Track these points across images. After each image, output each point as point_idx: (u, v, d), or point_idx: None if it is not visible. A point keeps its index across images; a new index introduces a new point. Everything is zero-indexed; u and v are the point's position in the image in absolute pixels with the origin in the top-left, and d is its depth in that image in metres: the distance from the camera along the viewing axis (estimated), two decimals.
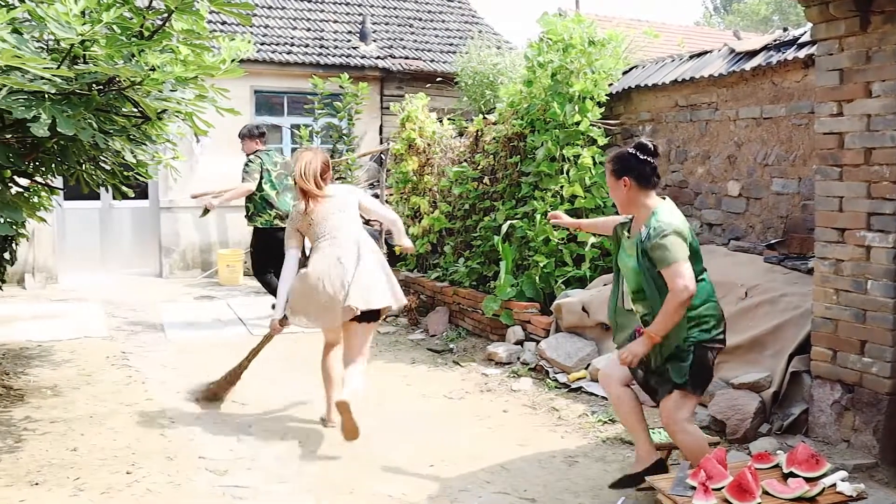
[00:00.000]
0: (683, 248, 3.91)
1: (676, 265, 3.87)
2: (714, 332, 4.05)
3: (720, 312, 4.11)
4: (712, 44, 12.00)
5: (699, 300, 3.99)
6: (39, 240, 11.25)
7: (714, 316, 4.06)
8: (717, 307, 4.10)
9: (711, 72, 7.04)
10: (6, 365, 7.10)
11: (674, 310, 3.89)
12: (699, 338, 4.00)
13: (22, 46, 3.68)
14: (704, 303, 4.03)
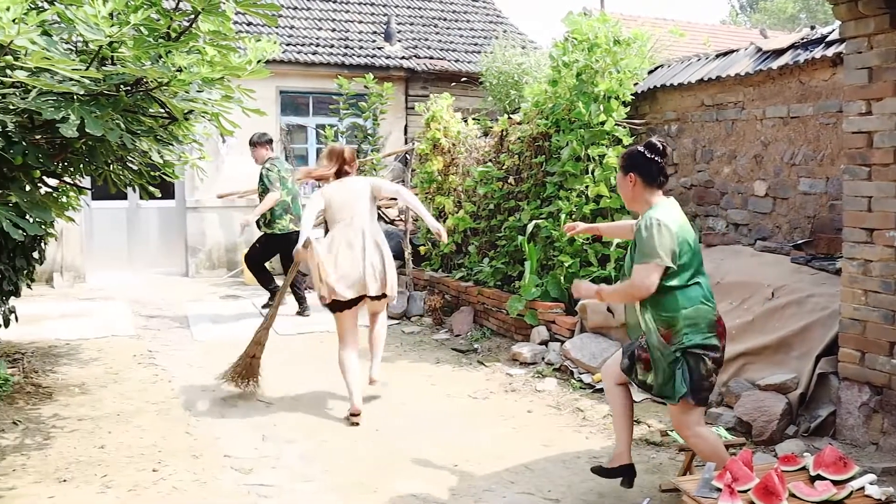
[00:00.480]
0: (665, 246, 3.90)
1: (646, 265, 3.91)
2: (703, 337, 3.97)
3: (713, 318, 4.02)
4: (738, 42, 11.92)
5: (689, 303, 3.97)
6: (68, 239, 11.37)
7: (705, 319, 3.99)
8: (711, 312, 4.02)
9: (738, 71, 6.99)
10: (35, 363, 7.18)
11: (624, 291, 4.08)
12: (688, 342, 3.95)
13: (51, 48, 3.72)
14: (694, 306, 3.98)
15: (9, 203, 4.34)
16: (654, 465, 4.95)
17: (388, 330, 7.04)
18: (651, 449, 5.22)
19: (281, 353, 7.77)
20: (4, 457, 5.01)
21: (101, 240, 12.41)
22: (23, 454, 5.06)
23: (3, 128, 3.96)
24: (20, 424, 5.61)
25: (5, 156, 4.19)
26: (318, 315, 9.22)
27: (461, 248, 9.78)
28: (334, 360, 6.23)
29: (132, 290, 11.11)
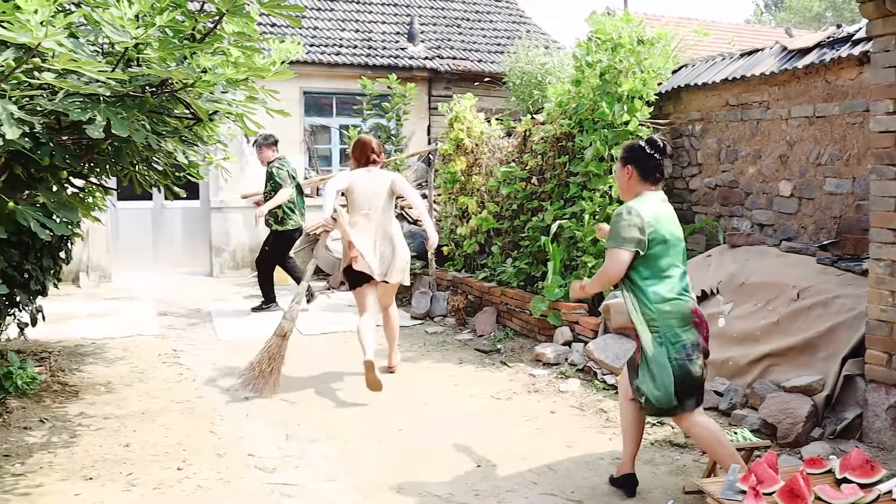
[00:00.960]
0: (631, 231, 4.06)
1: (613, 251, 4.12)
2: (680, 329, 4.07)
3: (688, 311, 4.11)
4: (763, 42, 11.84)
5: (661, 296, 4.09)
6: (94, 239, 11.47)
7: (680, 312, 4.09)
8: (685, 305, 4.11)
9: (763, 70, 6.95)
10: (62, 362, 7.24)
11: (598, 278, 4.27)
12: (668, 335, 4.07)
13: (78, 50, 3.75)
14: (667, 299, 4.09)
15: (36, 203, 4.39)
16: (677, 466, 4.93)
17: (411, 330, 8.10)
18: (675, 450, 5.20)
19: (304, 352, 7.80)
20: (32, 454, 5.06)
21: (127, 240, 12.51)
22: (50, 452, 5.11)
23: (31, 129, 3.99)
24: (47, 422, 5.66)
25: (33, 157, 4.23)
26: (342, 315, 9.26)
27: (484, 248, 9.78)
28: (358, 360, 6.65)
29: (157, 290, 11.19)
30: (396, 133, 12.99)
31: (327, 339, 8.42)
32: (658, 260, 4.11)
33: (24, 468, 4.83)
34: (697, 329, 4.12)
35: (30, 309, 6.82)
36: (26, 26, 3.38)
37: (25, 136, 3.96)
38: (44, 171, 4.48)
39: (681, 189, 8.08)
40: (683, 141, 8.01)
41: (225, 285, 11.91)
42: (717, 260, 6.72)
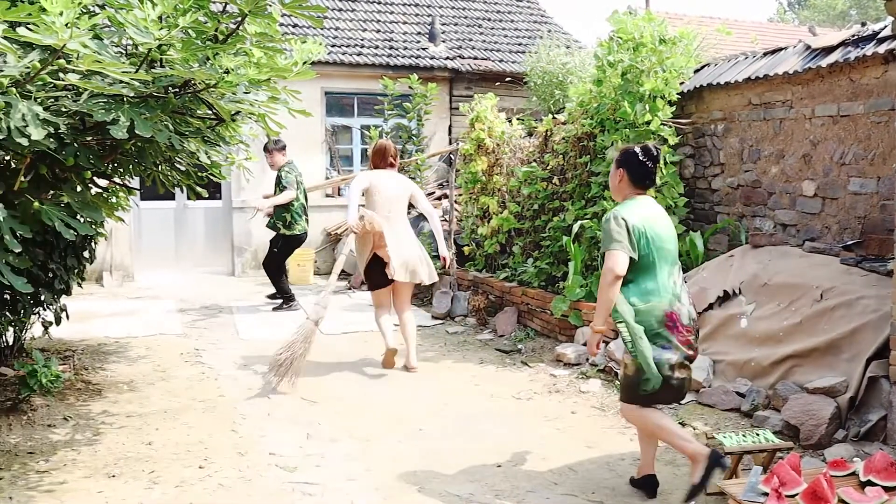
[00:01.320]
0: (620, 234, 4.20)
1: (609, 252, 4.21)
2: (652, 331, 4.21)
3: (662, 313, 4.22)
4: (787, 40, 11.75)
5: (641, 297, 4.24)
6: (117, 239, 11.55)
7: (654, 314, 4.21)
8: (658, 308, 4.22)
9: (786, 69, 6.90)
10: (85, 360, 7.30)
11: (601, 291, 4.26)
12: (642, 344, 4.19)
13: (102, 52, 3.78)
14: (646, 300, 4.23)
15: (61, 203, 4.43)
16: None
17: (432, 330, 8.41)
18: None
19: (325, 352, 7.82)
20: (56, 452, 5.11)
21: (150, 239, 12.60)
22: (73, 449, 5.16)
23: (56, 130, 4.03)
24: (71, 420, 5.71)
25: (58, 157, 4.27)
26: (363, 315, 9.28)
27: (505, 248, 9.77)
28: (378, 360, 7.18)
29: (179, 289, 11.25)
30: (417, 133, 13.00)
31: (349, 339, 8.44)
32: (644, 261, 4.25)
33: (48, 465, 4.88)
34: (669, 331, 4.22)
35: (54, 308, 6.89)
36: (52, 28, 3.41)
37: (50, 137, 4.00)
38: (68, 171, 4.52)
39: (703, 189, 8.05)
40: (706, 140, 7.97)
41: (247, 285, 11.96)
42: (740, 260, 6.68)
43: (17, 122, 3.71)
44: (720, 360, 6.22)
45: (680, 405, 5.98)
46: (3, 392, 6.09)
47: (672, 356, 4.23)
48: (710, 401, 5.90)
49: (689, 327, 4.31)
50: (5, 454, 5.03)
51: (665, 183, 7.53)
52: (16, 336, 6.90)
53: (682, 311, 4.30)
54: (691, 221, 8.03)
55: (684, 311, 4.31)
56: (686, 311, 4.32)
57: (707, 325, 6.47)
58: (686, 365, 4.29)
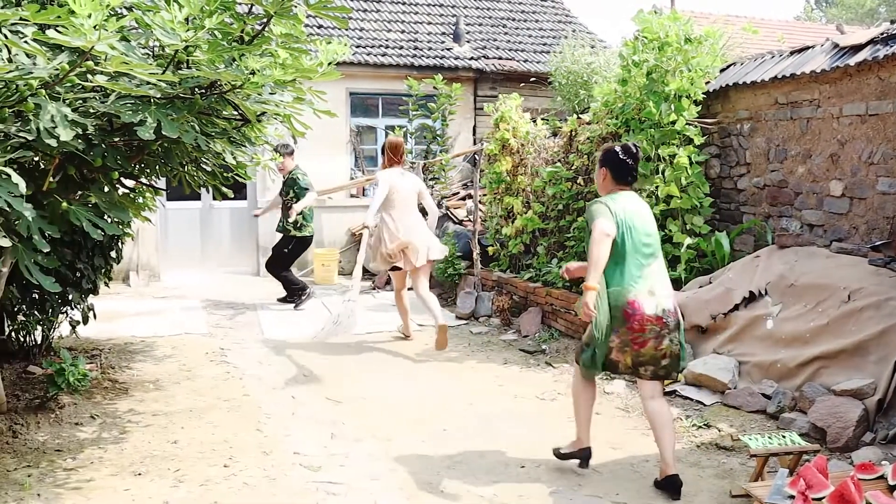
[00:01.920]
0: (603, 211, 4.51)
1: (595, 223, 4.48)
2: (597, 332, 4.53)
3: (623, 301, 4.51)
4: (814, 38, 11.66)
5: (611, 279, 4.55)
6: (143, 239, 11.63)
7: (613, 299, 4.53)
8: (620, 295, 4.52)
9: (813, 68, 6.84)
10: (112, 359, 7.36)
11: (592, 246, 4.47)
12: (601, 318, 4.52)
13: (130, 53, 3.82)
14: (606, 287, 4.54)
15: (89, 203, 4.47)
16: (724, 469, 4.88)
17: (456, 330, 8.79)
18: (721, 453, 5.15)
19: (349, 352, 7.85)
20: (83, 449, 5.15)
21: (176, 240, 12.67)
22: (100, 447, 5.20)
23: (84, 131, 4.07)
24: (97, 418, 5.76)
25: (86, 158, 4.31)
26: (387, 315, 9.29)
27: (529, 248, 9.76)
28: (403, 360, 7.23)
29: (205, 289, 11.32)
30: (442, 133, 13.01)
31: (373, 339, 8.46)
32: (619, 247, 4.51)
33: (75, 463, 4.93)
34: (625, 319, 4.50)
35: (81, 307, 6.96)
36: (80, 30, 3.45)
37: (79, 138, 4.04)
38: (96, 171, 4.55)
39: (728, 189, 7.99)
40: (731, 140, 7.91)
41: (271, 285, 11.97)
42: (766, 261, 6.63)
43: (47, 124, 3.75)
44: (746, 361, 6.18)
45: (705, 406, 5.95)
46: (31, 390, 6.15)
47: (616, 339, 4.54)
48: (736, 402, 5.86)
49: (652, 318, 4.50)
50: (33, 452, 5.08)
51: (690, 183, 7.49)
52: (44, 335, 6.98)
53: (648, 302, 4.51)
54: (717, 222, 7.98)
55: (650, 303, 4.51)
56: (655, 304, 4.52)
57: (733, 326, 6.44)
58: (626, 350, 4.55)
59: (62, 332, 7.32)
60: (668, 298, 4.60)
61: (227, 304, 10.27)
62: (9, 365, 6.58)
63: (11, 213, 3.81)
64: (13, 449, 5.10)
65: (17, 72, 3.73)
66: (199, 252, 12.84)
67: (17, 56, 3.91)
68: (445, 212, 11.69)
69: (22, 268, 4.09)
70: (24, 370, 6.56)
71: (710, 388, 6.15)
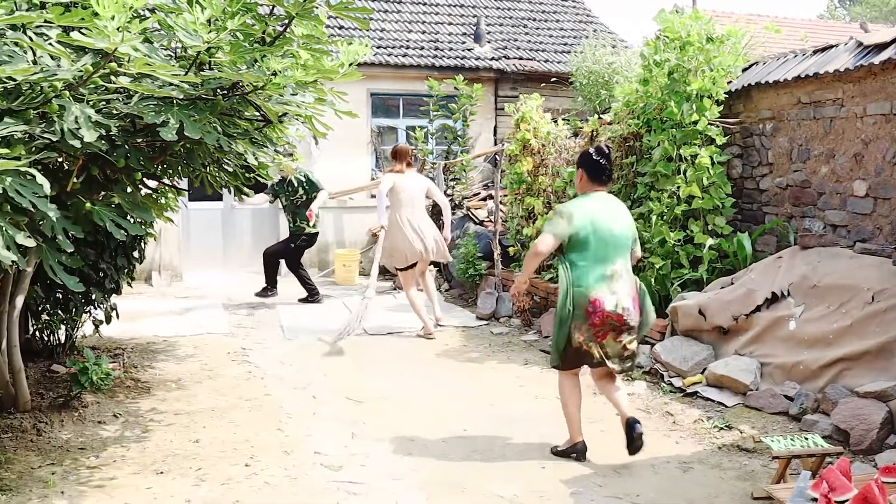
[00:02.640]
0: (559, 225, 4.94)
1: (544, 234, 4.98)
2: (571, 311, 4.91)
3: (585, 300, 4.88)
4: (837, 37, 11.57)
5: (566, 283, 4.94)
6: (166, 239, 11.70)
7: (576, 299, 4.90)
8: (583, 295, 4.89)
9: (837, 67, 6.78)
10: (134, 358, 7.42)
11: (526, 260, 5.21)
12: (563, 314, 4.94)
13: (153, 55, 3.84)
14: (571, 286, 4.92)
15: (112, 204, 4.50)
16: (745, 471, 4.85)
17: (477, 331, 8.87)
18: (743, 455, 5.12)
19: (370, 352, 7.87)
20: (106, 448, 5.20)
21: (198, 240, 12.75)
22: (123, 446, 5.24)
23: (107, 132, 4.10)
24: (120, 417, 5.81)
25: (109, 158, 4.35)
26: (407, 314, 9.30)
27: None
28: (423, 360, 7.24)
29: (226, 289, 11.37)
30: (463, 134, 13.01)
31: (393, 339, 8.47)
32: (584, 248, 4.91)
33: (98, 461, 4.97)
34: (587, 315, 4.88)
35: (104, 307, 7.02)
36: (103, 32, 3.47)
37: (102, 139, 4.07)
38: (119, 172, 4.59)
39: (751, 189, 7.94)
40: (754, 140, 7.86)
41: (293, 285, 12.04)
42: (788, 262, 6.59)
43: (71, 125, 3.78)
44: (768, 362, 6.15)
45: (727, 408, 5.93)
46: (55, 389, 6.21)
47: (580, 336, 4.93)
48: (758, 404, 5.83)
49: (611, 314, 4.89)
50: (57, 450, 5.13)
51: (712, 183, 7.45)
52: (68, 334, 7.04)
53: (609, 299, 4.90)
54: (739, 222, 7.94)
55: (611, 300, 4.90)
56: (615, 301, 4.90)
57: (755, 327, 6.40)
58: (591, 344, 4.94)
59: (85, 331, 7.38)
60: (629, 297, 4.97)
61: (248, 304, 10.32)
62: (33, 364, 6.64)
63: (36, 214, 3.85)
64: (37, 447, 5.15)
65: (42, 74, 3.77)
66: (221, 252, 12.91)
67: (41, 58, 3.95)
68: (466, 212, 11.69)
69: (46, 267, 4.12)
70: (48, 369, 6.63)
71: (732, 389, 6.12)
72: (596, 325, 4.90)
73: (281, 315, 9.60)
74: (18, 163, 3.58)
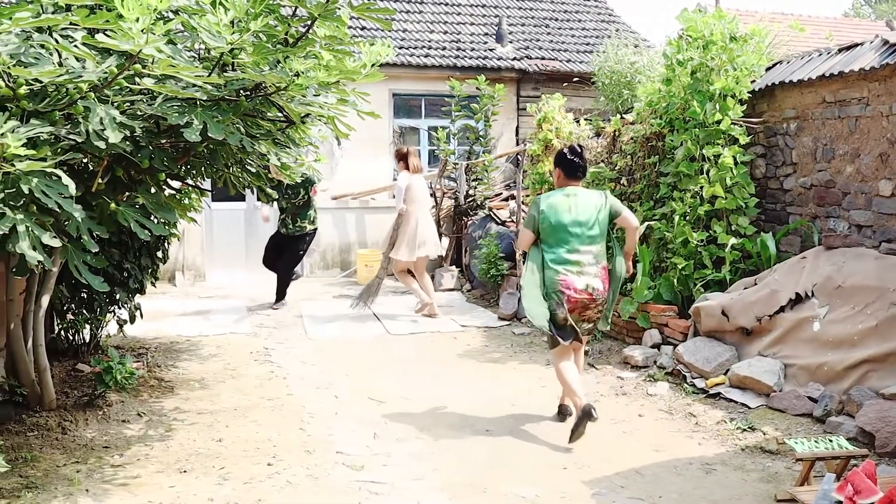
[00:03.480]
0: (528, 219, 5.67)
1: (522, 229, 5.85)
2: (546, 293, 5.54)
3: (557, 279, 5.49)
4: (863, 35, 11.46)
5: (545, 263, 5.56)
6: (189, 240, 11.78)
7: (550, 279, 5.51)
8: (553, 277, 5.51)
9: (862, 65, 6.72)
10: (158, 358, 7.47)
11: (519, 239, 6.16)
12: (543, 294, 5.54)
13: (176, 56, 3.87)
14: (546, 267, 5.55)
15: (136, 205, 4.54)
16: (769, 473, 4.82)
17: (498, 331, 8.91)
18: (766, 457, 5.09)
19: (392, 352, 7.88)
20: (130, 446, 5.23)
21: (221, 240, 12.80)
22: (146, 445, 5.28)
23: (132, 133, 4.13)
24: (144, 416, 5.85)
25: (133, 159, 4.38)
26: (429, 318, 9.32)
27: None
28: (444, 360, 7.32)
29: (249, 289, 11.42)
30: (485, 134, 13.00)
31: (415, 339, 8.48)
32: (548, 236, 5.56)
33: (122, 459, 5.01)
34: (558, 294, 5.47)
35: (129, 306, 7.07)
36: (128, 34, 3.50)
37: (126, 140, 4.10)
38: (143, 173, 4.62)
39: (774, 189, 7.89)
40: (777, 140, 7.81)
41: (315, 285, 12.10)
42: (813, 262, 6.54)
43: (96, 126, 3.82)
44: (791, 363, 6.10)
45: (750, 409, 5.89)
46: (80, 388, 6.26)
47: (560, 312, 5.48)
48: (781, 405, 5.79)
49: (582, 291, 5.49)
50: (82, 448, 5.17)
51: (735, 183, 7.41)
52: (92, 334, 7.10)
53: (578, 281, 5.49)
54: (762, 222, 7.88)
55: (581, 281, 5.49)
56: (584, 282, 5.50)
57: (778, 328, 6.36)
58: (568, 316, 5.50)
59: (110, 330, 7.45)
60: (597, 279, 5.55)
61: (270, 303, 10.35)
62: (58, 363, 6.70)
63: (62, 214, 3.89)
64: (62, 445, 5.20)
65: (68, 75, 3.81)
66: (244, 252, 12.95)
67: (67, 60, 3.99)
68: (488, 213, 11.68)
69: (71, 267, 4.16)
70: (72, 368, 6.68)
71: (755, 390, 6.09)
72: (571, 301, 5.49)
73: (303, 315, 9.63)
74: (44, 164, 3.62)
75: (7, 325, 5.56)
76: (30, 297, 5.64)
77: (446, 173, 12.45)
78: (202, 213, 7.38)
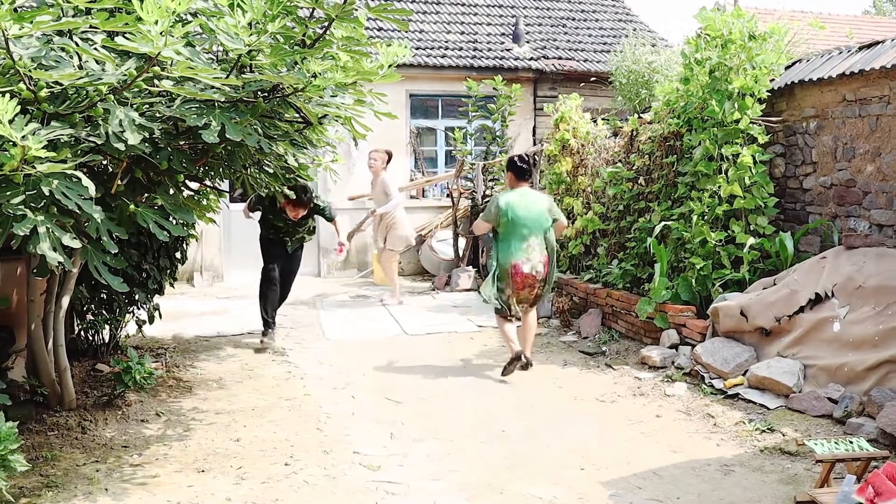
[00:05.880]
0: (488, 213, 6.97)
1: (480, 220, 7.14)
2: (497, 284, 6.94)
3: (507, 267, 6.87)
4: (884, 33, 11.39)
5: (499, 253, 6.95)
6: (207, 240, 11.82)
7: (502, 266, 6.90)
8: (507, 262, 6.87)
9: (883, 63, 6.67)
10: (176, 358, 7.51)
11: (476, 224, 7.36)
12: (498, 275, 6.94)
13: (195, 58, 3.89)
14: (500, 258, 6.91)
15: (155, 206, 4.56)
16: (788, 475, 4.79)
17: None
18: (785, 458, 5.06)
19: (409, 352, 7.89)
20: (148, 446, 5.26)
21: (239, 241, 12.83)
22: (165, 444, 5.31)
23: (151, 134, 4.16)
24: (162, 416, 5.88)
25: (152, 161, 4.40)
26: (446, 315, 9.33)
27: (590, 249, 9.70)
28: (463, 359, 7.36)
29: None
30: (502, 134, 12.99)
31: (432, 340, 8.49)
32: (504, 230, 6.87)
33: (141, 459, 5.04)
34: (510, 277, 6.85)
35: (147, 307, 7.11)
36: (147, 37, 3.52)
37: (145, 142, 4.13)
38: (162, 174, 4.65)
39: (794, 188, 7.84)
40: (797, 139, 7.77)
41: (332, 285, 12.13)
42: (833, 262, 6.50)
43: (115, 128, 3.84)
44: (811, 364, 6.07)
45: (769, 410, 5.86)
46: (99, 387, 6.30)
47: (508, 290, 6.89)
48: (801, 406, 5.76)
49: (528, 275, 6.85)
50: (101, 447, 5.21)
51: (754, 183, 7.37)
52: (111, 334, 7.14)
53: (526, 265, 6.85)
54: (781, 222, 7.84)
55: (528, 266, 6.85)
56: (531, 266, 6.85)
57: (798, 329, 6.32)
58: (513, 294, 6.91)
59: (129, 331, 7.49)
60: (541, 264, 6.89)
61: (288, 304, 10.34)
62: (78, 363, 6.75)
63: (82, 215, 3.92)
64: (82, 444, 5.24)
65: (87, 78, 3.83)
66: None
67: (87, 63, 4.02)
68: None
69: (91, 268, 4.19)
70: (92, 368, 6.73)
71: (774, 391, 6.05)
72: (517, 283, 6.86)
73: (321, 315, 9.66)
74: (65, 165, 3.65)
75: (28, 325, 5.61)
76: (50, 298, 5.68)
77: (463, 173, 12.44)
78: (220, 214, 7.40)
